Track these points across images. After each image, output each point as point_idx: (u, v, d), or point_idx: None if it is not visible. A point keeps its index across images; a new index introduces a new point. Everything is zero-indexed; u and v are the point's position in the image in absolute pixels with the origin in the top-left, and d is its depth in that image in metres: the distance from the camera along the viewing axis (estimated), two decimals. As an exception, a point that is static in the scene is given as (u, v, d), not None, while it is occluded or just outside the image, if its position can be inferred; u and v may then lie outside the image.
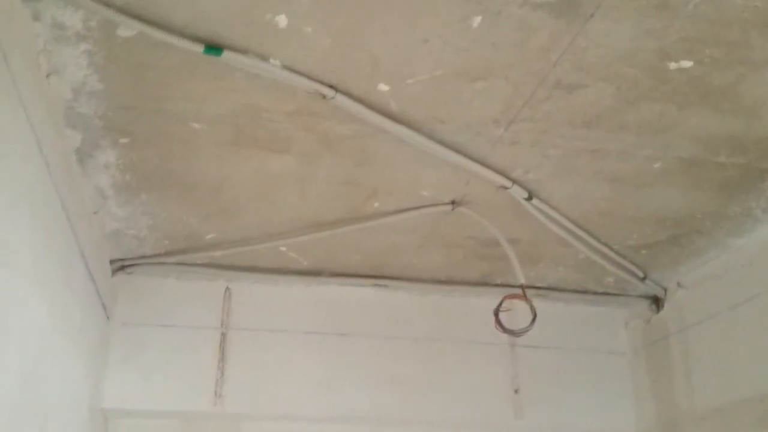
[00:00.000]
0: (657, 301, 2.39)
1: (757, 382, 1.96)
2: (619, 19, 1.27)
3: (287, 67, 1.40)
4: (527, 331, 1.83)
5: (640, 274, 2.28)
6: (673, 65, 1.38)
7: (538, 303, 2.45)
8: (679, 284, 2.29)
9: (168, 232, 2.12)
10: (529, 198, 1.88)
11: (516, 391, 2.49)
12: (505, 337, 2.46)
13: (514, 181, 1.82)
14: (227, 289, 2.45)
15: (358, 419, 2.48)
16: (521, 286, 1.87)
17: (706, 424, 2.15)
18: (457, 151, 1.69)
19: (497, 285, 2.45)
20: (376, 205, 1.97)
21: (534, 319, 1.82)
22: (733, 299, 2.08)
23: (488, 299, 2.19)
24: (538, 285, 2.46)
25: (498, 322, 1.83)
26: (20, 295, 1.44)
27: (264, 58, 1.38)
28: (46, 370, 1.66)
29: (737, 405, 2.02)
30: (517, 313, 1.97)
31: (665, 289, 2.34)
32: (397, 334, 2.52)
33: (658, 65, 1.39)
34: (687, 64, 1.38)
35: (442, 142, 1.66)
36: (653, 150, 1.67)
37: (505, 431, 2.54)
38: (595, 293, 2.48)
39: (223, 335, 2.41)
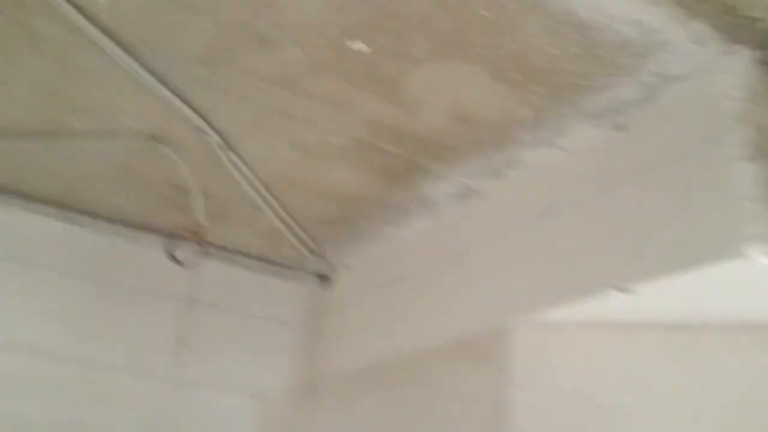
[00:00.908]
0: (326, 279, 2.67)
1: (377, 351, 2.31)
2: (313, -14, 1.51)
3: (1, -56, 1.45)
4: (195, 265, 1.99)
5: (315, 250, 2.56)
6: (352, 45, 1.65)
7: (223, 266, 2.65)
8: (344, 265, 2.60)
9: None
10: (225, 149, 2.06)
11: (183, 344, 2.61)
12: (183, 291, 2.60)
13: (213, 128, 1.98)
14: None
15: (18, 349, 2.45)
16: (198, 224, 2.03)
17: (339, 384, 2.46)
18: (163, 82, 1.82)
19: (188, 239, 2.58)
20: (76, 125, 2.02)
21: (202, 255, 1.98)
22: (378, 283, 2.42)
23: (177, 253, 2.33)
24: (226, 247, 2.63)
25: (168, 251, 1.97)
26: None
27: (-22, -74, 1.42)
28: None
29: (364, 369, 2.35)
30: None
31: (334, 268, 2.64)
32: (77, 271, 2.53)
33: (340, 42, 1.64)
34: (363, 46, 1.65)
35: (149, 70, 1.78)
36: (331, 124, 1.93)
37: (165, 380, 2.66)
38: (274, 263, 2.71)
39: None
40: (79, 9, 1.59)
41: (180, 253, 2.20)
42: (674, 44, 1.48)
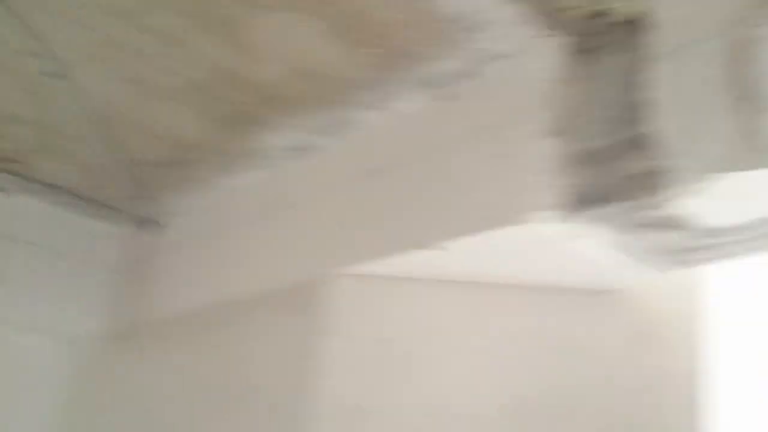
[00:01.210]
0: (150, 223, 2.63)
1: (199, 298, 2.33)
2: None
3: None
4: (8, 196, 1.91)
5: (141, 193, 2.51)
6: (196, -19, 1.65)
7: (39, 200, 2.53)
8: (171, 210, 2.57)
9: None
10: (54, 75, 1.98)
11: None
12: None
13: (43, 52, 1.90)
14: None
15: None
16: (15, 153, 1.94)
17: (156, 331, 2.45)
18: (-10, -4, 1.73)
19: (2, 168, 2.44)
20: None
21: (16, 186, 1.91)
22: (205, 231, 2.43)
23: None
24: (45, 181, 2.51)
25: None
26: None
27: None
28: None
29: (184, 316, 2.36)
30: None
31: (160, 213, 2.60)
32: None
33: (182, -23, 1.64)
34: (206, -16, 1.66)
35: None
36: (169, 62, 1.91)
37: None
38: (96, 203, 2.61)
39: None
40: None
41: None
42: (499, 23, 1.60)
